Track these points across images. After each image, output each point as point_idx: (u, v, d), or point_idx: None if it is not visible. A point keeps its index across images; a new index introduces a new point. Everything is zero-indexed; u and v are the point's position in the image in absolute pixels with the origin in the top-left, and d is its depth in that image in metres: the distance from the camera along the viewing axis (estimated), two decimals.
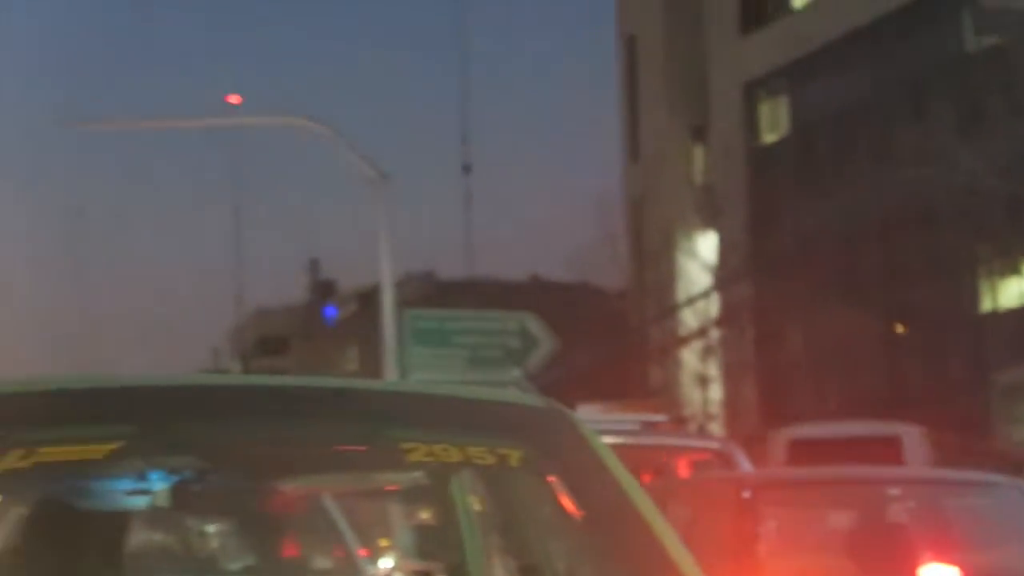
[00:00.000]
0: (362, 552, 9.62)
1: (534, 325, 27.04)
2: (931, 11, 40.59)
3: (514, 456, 3.86)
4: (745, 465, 12.65)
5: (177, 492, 5.99)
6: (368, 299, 45.48)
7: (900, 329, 38.12)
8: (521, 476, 4.05)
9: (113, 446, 3.94)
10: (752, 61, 47.17)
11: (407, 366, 25.70)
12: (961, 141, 34.42)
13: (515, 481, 4.18)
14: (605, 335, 43.70)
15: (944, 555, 7.63)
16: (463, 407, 4.31)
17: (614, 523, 3.68)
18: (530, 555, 4.31)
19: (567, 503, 3.85)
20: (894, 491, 8.37)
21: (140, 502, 7.06)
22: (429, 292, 45.50)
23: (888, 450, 14.14)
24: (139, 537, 8.80)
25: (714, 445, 14.15)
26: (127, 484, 5.89)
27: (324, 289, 69.24)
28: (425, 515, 7.14)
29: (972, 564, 7.67)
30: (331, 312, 65.50)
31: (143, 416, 3.97)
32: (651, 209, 49.05)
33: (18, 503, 5.00)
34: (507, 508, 4.46)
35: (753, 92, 47.67)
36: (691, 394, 43.00)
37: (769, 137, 47.60)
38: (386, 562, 11.04)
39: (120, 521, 5.85)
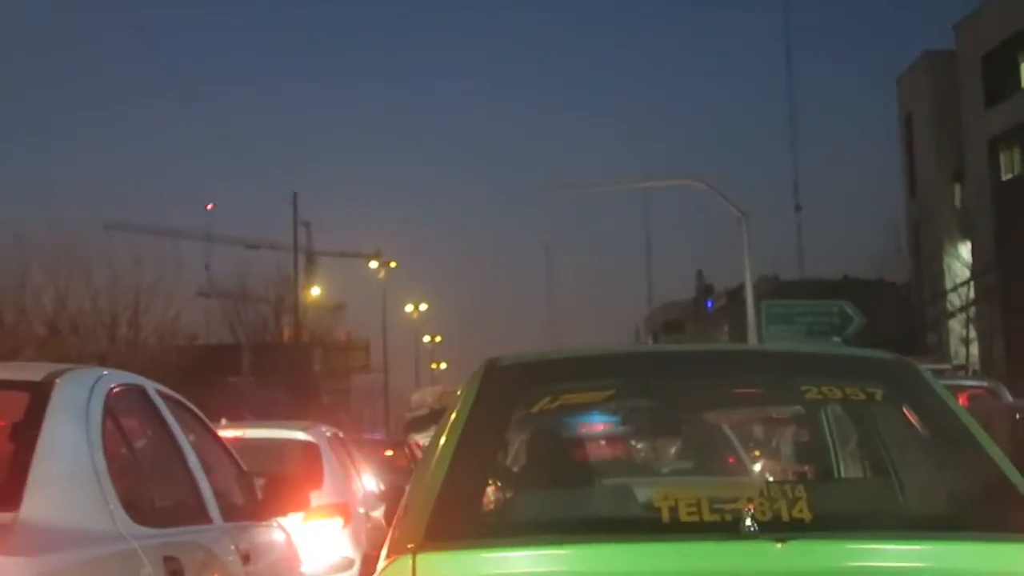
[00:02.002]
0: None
1: (849, 308, 27.19)
2: None
3: (879, 393, 3.67)
4: (1008, 397, 12.02)
5: (637, 424, 5.92)
6: (734, 295, 45.34)
7: None
8: (883, 407, 3.84)
9: (608, 393, 3.92)
10: (994, 124, 45.38)
11: (764, 339, 25.70)
12: None
13: (877, 411, 3.96)
14: (895, 313, 42.48)
15: None
16: (843, 361, 4.16)
17: (953, 440, 3.45)
18: (881, 462, 4.10)
19: (917, 426, 3.64)
20: None
21: (606, 431, 7.03)
22: (775, 289, 44.59)
23: None
24: (601, 452, 8.80)
25: (986, 384, 13.57)
26: (600, 419, 5.89)
27: (706, 289, 69.01)
28: (798, 434, 6.91)
29: None
30: (710, 304, 65.23)
31: (627, 373, 3.92)
32: (926, 227, 47.89)
33: (522, 432, 5.03)
34: (868, 430, 4.25)
35: (995, 145, 45.84)
36: (957, 351, 41.42)
37: (1007, 176, 45.59)
38: (757, 467, 10.75)
39: (588, 442, 5.82)
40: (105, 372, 4.51)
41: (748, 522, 2.92)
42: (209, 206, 32.53)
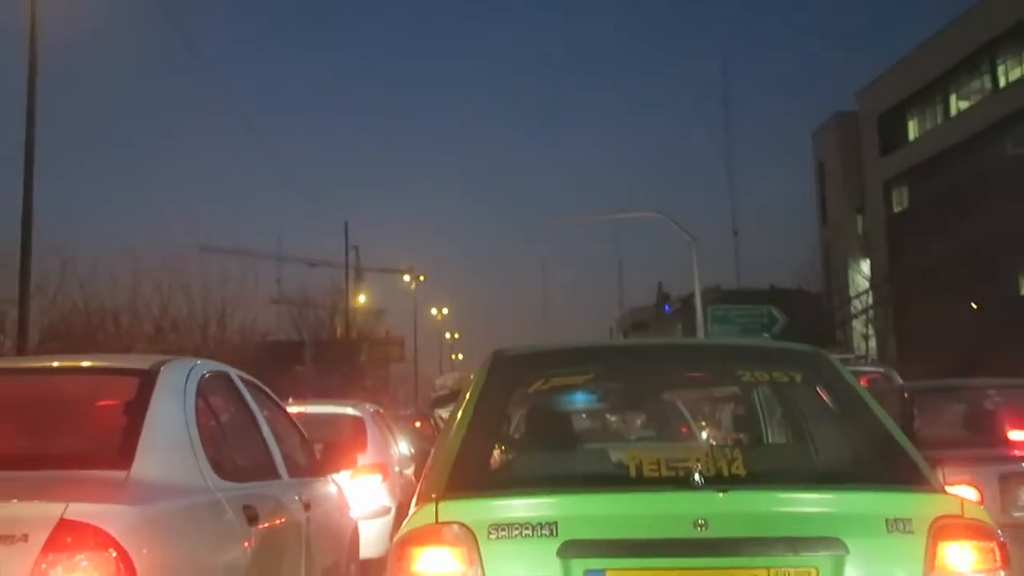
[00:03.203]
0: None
1: (775, 311, 26.95)
2: (981, 144, 38.51)
3: (799, 377, 3.65)
4: (898, 379, 11.96)
5: (611, 401, 5.88)
6: (687, 301, 44.92)
7: (975, 306, 35.69)
8: (801, 388, 3.81)
9: (588, 376, 3.90)
10: (887, 169, 45.56)
11: (709, 335, 25.56)
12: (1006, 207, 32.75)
13: (797, 391, 3.94)
14: (811, 315, 42.28)
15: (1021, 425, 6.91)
16: (770, 352, 4.14)
17: (856, 413, 3.43)
18: (799, 430, 4.08)
19: (828, 402, 3.62)
20: (991, 392, 7.67)
21: (587, 406, 6.98)
22: (718, 296, 44.38)
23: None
24: (583, 423, 8.74)
25: (881, 369, 13.50)
26: (582, 397, 5.84)
27: (664, 297, 68.61)
28: (736, 409, 6.87)
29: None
30: (668, 308, 64.86)
31: (603, 361, 3.89)
32: (835, 249, 47.89)
33: (521, 407, 4.99)
34: (790, 405, 4.22)
35: (888, 186, 46.00)
36: (859, 345, 41.34)
37: (898, 209, 45.71)
38: (704, 434, 10.66)
39: (573, 415, 5.78)
40: (198, 362, 4.50)
41: (697, 477, 2.92)
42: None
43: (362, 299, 51.57)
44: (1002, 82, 39.63)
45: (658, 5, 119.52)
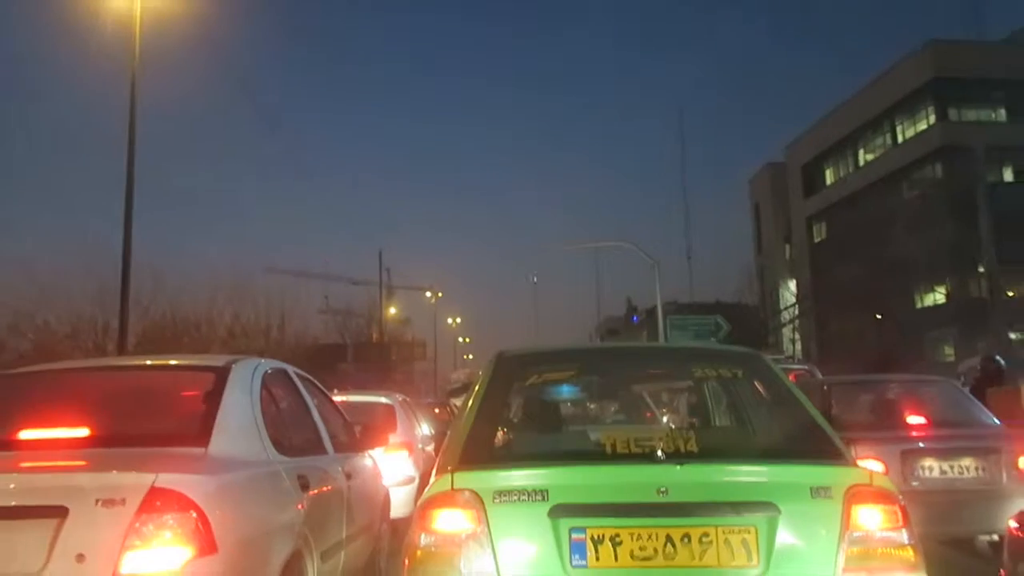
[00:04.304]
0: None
1: (721, 320, 26.69)
2: (884, 188, 38.57)
3: (739, 373, 3.62)
4: (819, 375, 11.90)
5: (591, 392, 5.84)
6: (650, 312, 44.73)
7: (879, 317, 35.66)
8: (742, 382, 3.78)
9: (573, 372, 3.86)
10: (809, 208, 45.65)
11: (668, 340, 25.38)
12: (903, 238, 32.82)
13: (739, 384, 3.91)
14: (749, 324, 42.10)
15: (920, 411, 6.82)
16: (717, 353, 4.10)
17: (786, 402, 3.40)
18: (741, 416, 4.04)
19: (763, 393, 3.60)
20: (893, 385, 7.60)
21: (571, 396, 6.92)
22: (675, 308, 44.13)
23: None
24: (568, 409, 8.61)
25: (806, 366, 13.45)
26: (568, 389, 5.79)
27: (632, 308, 68.38)
28: (690, 398, 6.83)
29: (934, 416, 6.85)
30: (635, 318, 64.61)
31: (585, 360, 3.86)
32: (768, 271, 47.84)
33: (519, 397, 4.95)
34: (733, 396, 4.18)
35: (810, 221, 46.10)
36: (788, 347, 41.25)
37: (818, 240, 45.72)
38: (665, 419, 10.55)
39: (560, 403, 5.73)
40: (262, 360, 4.49)
41: (659, 453, 2.90)
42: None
43: (393, 311, 51.61)
44: (900, 139, 39.84)
45: (629, 79, 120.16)
